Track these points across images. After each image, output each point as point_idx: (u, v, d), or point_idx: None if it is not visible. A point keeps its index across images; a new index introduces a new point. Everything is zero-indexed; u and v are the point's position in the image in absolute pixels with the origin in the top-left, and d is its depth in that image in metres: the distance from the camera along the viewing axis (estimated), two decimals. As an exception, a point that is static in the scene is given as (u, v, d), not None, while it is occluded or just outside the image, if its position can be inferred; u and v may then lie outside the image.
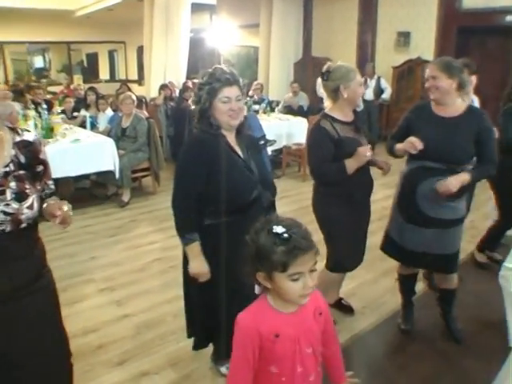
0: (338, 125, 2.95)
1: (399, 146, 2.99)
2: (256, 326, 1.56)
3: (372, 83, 10.00)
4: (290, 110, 9.00)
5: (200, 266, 2.38)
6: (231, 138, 2.44)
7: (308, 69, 11.27)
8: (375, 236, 5.00)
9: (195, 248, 2.36)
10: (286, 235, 1.48)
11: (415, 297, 3.55)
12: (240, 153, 2.44)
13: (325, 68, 3.00)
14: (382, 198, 6.36)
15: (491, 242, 4.49)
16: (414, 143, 2.82)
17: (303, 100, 9.37)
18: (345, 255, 3.15)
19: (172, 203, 2.40)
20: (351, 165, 2.88)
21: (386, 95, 10.12)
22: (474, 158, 2.97)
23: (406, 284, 3.45)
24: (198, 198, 2.33)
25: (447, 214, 2.94)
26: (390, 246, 3.26)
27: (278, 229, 1.49)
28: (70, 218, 1.80)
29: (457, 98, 2.93)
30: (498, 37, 9.36)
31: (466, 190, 2.95)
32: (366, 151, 2.85)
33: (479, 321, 3.57)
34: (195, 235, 2.35)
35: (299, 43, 11.93)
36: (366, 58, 10.77)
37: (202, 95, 2.33)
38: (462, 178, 2.79)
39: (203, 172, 2.30)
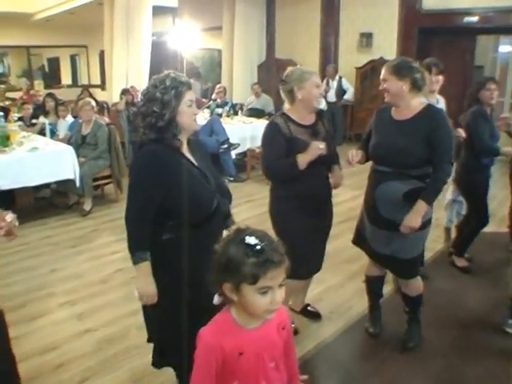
0: (292, 124, 2.95)
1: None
2: (219, 343, 1.51)
3: (334, 84, 10.09)
4: (254, 113, 8.93)
5: (147, 288, 2.23)
6: (184, 147, 2.31)
7: (272, 71, 11.25)
8: (341, 239, 5.00)
9: (144, 268, 2.21)
10: (258, 247, 1.44)
11: (384, 299, 3.53)
12: (194, 162, 2.31)
13: (286, 72, 3.03)
14: (350, 198, 6.39)
15: (467, 244, 4.49)
16: (348, 158, 2.91)
17: (266, 102, 9.30)
18: (299, 262, 3.01)
19: (125, 220, 2.23)
20: (303, 159, 2.84)
21: (349, 96, 10.24)
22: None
23: (374, 286, 3.42)
24: (155, 213, 2.18)
25: (403, 218, 2.87)
26: (359, 240, 3.26)
27: (251, 240, 1.45)
28: (16, 229, 1.69)
29: (412, 100, 2.86)
30: (457, 37, 9.57)
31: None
32: (319, 144, 2.83)
33: (449, 321, 3.58)
34: (146, 254, 2.20)
35: (262, 45, 11.93)
36: (329, 60, 10.87)
37: (169, 100, 2.15)
38: (420, 210, 2.77)
39: (161, 189, 2.15)
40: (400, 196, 2.84)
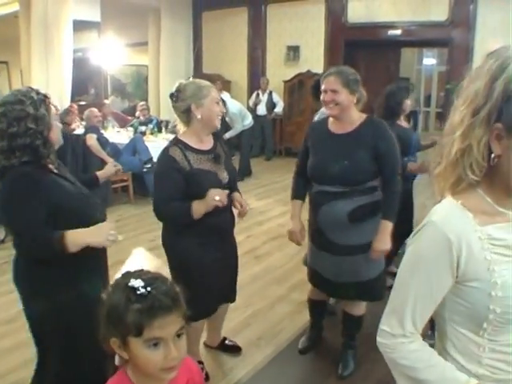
0: (191, 153, 2.50)
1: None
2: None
3: (264, 98, 10.03)
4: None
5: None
6: (53, 164, 2.06)
7: (200, 87, 11.03)
8: (270, 258, 4.83)
9: None
10: (142, 290, 1.19)
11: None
12: (68, 177, 2.09)
13: (174, 87, 2.59)
14: (279, 214, 6.24)
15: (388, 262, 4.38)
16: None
17: None
18: (200, 301, 2.48)
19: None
20: (198, 208, 2.42)
21: (279, 109, 10.21)
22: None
23: (316, 309, 3.24)
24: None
25: (353, 240, 2.68)
26: (311, 276, 2.97)
27: (136, 282, 1.21)
28: None
29: (353, 112, 2.69)
30: (383, 49, 9.79)
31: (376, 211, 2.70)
32: (215, 194, 2.40)
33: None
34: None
35: (190, 60, 11.71)
36: (257, 73, 10.82)
37: (43, 115, 1.91)
38: (387, 231, 2.60)
39: (43, 213, 1.90)
40: (345, 216, 2.62)
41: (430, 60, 14.26)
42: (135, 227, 5.57)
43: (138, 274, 1.26)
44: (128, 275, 1.26)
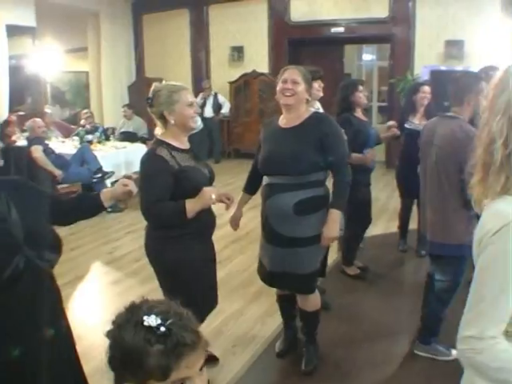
0: (176, 153, 2.49)
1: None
2: None
3: (210, 100, 9.94)
4: (126, 137, 8.39)
5: None
6: None
7: (143, 91, 10.68)
8: (233, 261, 4.75)
9: None
10: (163, 328, 1.04)
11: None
12: None
13: (151, 91, 2.56)
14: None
15: (353, 251, 4.43)
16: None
17: (139, 125, 8.75)
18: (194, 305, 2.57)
19: None
20: (193, 207, 2.40)
21: (226, 110, 10.17)
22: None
23: (284, 305, 3.18)
24: None
25: (298, 232, 2.74)
26: (259, 268, 3.03)
27: (151, 320, 1.04)
28: None
29: (303, 108, 2.79)
30: (326, 47, 9.93)
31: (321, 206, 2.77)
32: (211, 193, 2.43)
33: (356, 336, 3.43)
34: None
35: (131, 65, 11.46)
36: (201, 76, 10.73)
37: None
38: (335, 219, 2.71)
39: None
40: (290, 208, 2.69)
41: (368, 56, 14.60)
42: (91, 240, 5.33)
43: (148, 307, 1.09)
44: (136, 311, 1.10)
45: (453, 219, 2.82)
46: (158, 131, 2.62)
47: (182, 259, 2.52)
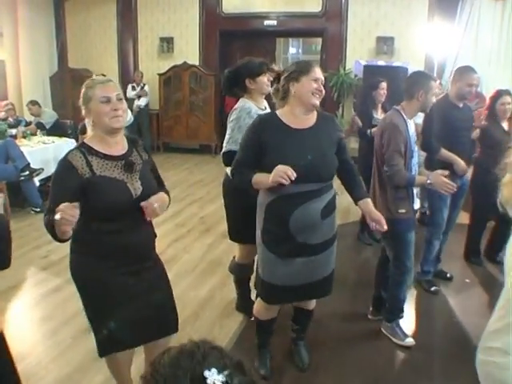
0: (95, 158, 2.11)
1: (260, 179, 2.45)
2: None
3: (138, 91, 9.75)
4: (53, 131, 7.78)
5: None
6: None
7: (66, 82, 10.21)
8: (177, 263, 4.58)
9: None
10: None
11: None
12: None
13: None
14: (173, 214, 5.97)
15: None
16: (286, 172, 2.26)
17: (49, 117, 8.12)
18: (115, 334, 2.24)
19: None
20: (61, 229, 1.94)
21: (142, 102, 9.82)
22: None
23: (267, 328, 2.97)
24: None
25: (326, 235, 2.61)
26: (273, 294, 2.70)
27: (215, 377, 0.85)
28: None
29: None
30: (259, 39, 9.86)
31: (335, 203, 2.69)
32: (57, 211, 1.86)
33: (326, 335, 3.35)
34: None
35: (53, 55, 10.78)
36: (129, 67, 10.34)
37: None
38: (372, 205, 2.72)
39: None
40: (319, 214, 2.51)
41: (293, 49, 14.82)
42: (21, 244, 4.83)
43: (202, 354, 0.90)
44: (188, 360, 0.89)
45: (379, 197, 3.16)
46: (88, 132, 2.24)
47: (94, 281, 2.19)
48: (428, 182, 2.98)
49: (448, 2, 8.18)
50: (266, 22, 9.30)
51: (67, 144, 6.90)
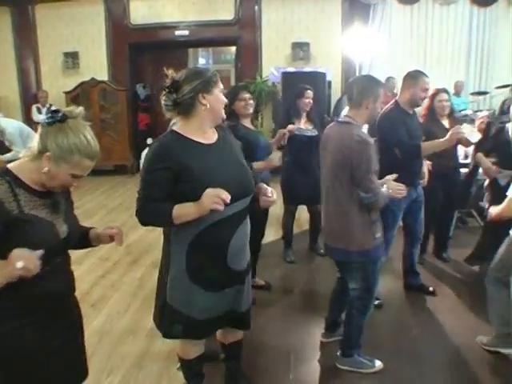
0: (23, 192, 1.71)
1: (183, 211, 2.11)
2: None
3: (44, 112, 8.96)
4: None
5: None
6: None
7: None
8: (107, 304, 4.07)
9: None
10: None
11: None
12: None
13: None
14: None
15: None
16: (219, 196, 2.00)
17: None
18: None
19: None
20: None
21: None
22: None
23: (196, 367, 2.64)
24: None
25: (246, 260, 2.40)
26: (203, 330, 2.43)
27: None
28: None
29: None
30: (171, 51, 9.69)
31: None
32: (20, 258, 1.57)
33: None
34: None
35: None
36: (31, 86, 9.67)
37: None
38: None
39: None
40: (248, 237, 2.37)
41: (202, 60, 14.54)
42: None
43: None
44: None
45: (352, 226, 2.79)
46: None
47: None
48: (390, 191, 2.75)
49: (360, 7, 8.32)
50: (178, 32, 9.07)
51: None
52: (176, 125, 2.29)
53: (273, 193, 2.36)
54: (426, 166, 4.14)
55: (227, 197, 2.00)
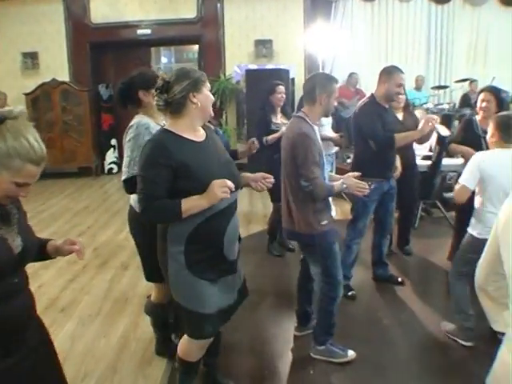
0: None
1: (192, 203, 2.20)
2: None
3: (7, 115, 8.73)
4: None
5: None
6: None
7: None
8: (78, 308, 4.06)
9: None
10: None
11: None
12: None
13: None
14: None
15: None
16: (225, 185, 2.16)
17: None
18: None
19: None
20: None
21: None
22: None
23: (197, 368, 2.63)
24: None
25: (237, 250, 2.49)
26: (212, 323, 2.41)
27: None
28: None
29: None
30: (133, 50, 9.57)
31: None
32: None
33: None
34: None
35: None
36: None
37: None
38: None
39: None
40: (239, 227, 2.49)
41: (165, 59, 14.41)
42: None
43: None
44: None
45: (298, 212, 2.96)
46: None
47: None
48: (344, 186, 2.86)
49: (322, 4, 8.40)
50: (139, 31, 8.97)
51: None
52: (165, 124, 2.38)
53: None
54: (398, 159, 4.22)
55: (232, 185, 2.16)
